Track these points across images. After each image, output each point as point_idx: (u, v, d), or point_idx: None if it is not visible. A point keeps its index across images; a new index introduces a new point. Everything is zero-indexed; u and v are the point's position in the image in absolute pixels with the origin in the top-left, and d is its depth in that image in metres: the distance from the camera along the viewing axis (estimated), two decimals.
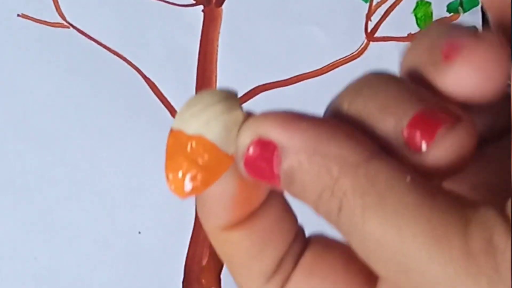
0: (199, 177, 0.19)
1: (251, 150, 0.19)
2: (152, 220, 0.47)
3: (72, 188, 0.47)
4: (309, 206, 0.18)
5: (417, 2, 0.50)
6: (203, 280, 0.46)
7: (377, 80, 0.19)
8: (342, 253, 0.21)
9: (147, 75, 0.48)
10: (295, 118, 0.18)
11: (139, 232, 0.47)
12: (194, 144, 0.19)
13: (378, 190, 0.17)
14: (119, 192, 0.47)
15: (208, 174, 0.19)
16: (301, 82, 0.48)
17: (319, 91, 0.48)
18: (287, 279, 0.21)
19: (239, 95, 0.21)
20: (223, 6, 0.49)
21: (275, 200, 0.21)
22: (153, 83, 0.48)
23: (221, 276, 0.47)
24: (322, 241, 0.22)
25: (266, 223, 0.20)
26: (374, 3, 0.50)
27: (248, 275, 0.22)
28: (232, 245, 0.21)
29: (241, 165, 0.19)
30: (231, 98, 0.20)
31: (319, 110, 0.20)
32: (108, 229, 0.46)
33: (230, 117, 0.20)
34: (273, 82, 0.48)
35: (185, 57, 0.49)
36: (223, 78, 0.49)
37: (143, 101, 0.48)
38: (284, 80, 0.48)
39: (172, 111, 0.48)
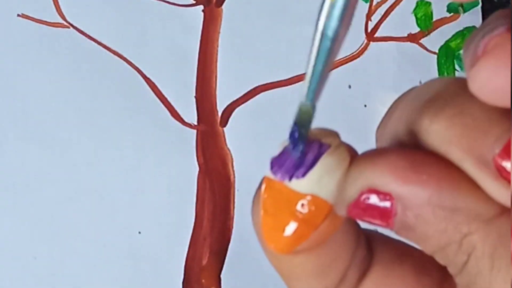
0: (304, 233, 0.17)
1: (361, 200, 0.17)
2: (152, 220, 0.47)
3: (72, 188, 0.47)
4: (423, 250, 0.17)
5: (417, 2, 0.50)
6: (203, 280, 0.46)
7: (460, 92, 0.17)
8: (414, 265, 0.20)
9: (147, 75, 0.48)
10: (412, 168, 0.16)
11: (139, 232, 0.47)
12: (306, 203, 0.17)
13: (509, 250, 0.16)
14: (119, 192, 0.47)
15: (311, 228, 0.17)
16: (301, 82, 0.48)
17: None
18: None
19: (239, 95, 0.19)
20: (223, 6, 0.49)
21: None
22: (153, 83, 0.48)
23: (221, 276, 0.47)
24: (387, 247, 0.20)
25: (334, 242, 0.19)
26: (374, 3, 0.50)
27: None
28: (295, 267, 0.19)
29: (344, 211, 0.17)
30: (337, 143, 0.18)
31: (319, 110, 0.19)
32: (108, 229, 0.46)
33: (340, 167, 0.17)
34: (273, 82, 0.48)
35: (185, 57, 0.49)
36: (223, 78, 0.49)
37: (143, 101, 0.48)
38: (284, 80, 0.48)
39: (172, 111, 0.48)
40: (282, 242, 0.17)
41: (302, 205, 0.17)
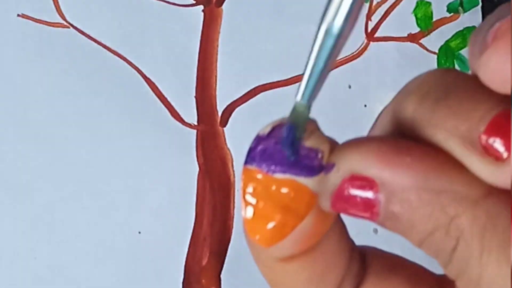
0: (288, 223, 0.17)
1: (343, 189, 0.16)
2: (152, 220, 0.47)
3: (72, 188, 0.47)
4: (411, 241, 0.17)
5: (417, 2, 0.50)
6: (203, 280, 0.46)
7: (445, 79, 0.17)
8: (408, 277, 0.19)
9: (147, 75, 0.48)
10: (395, 151, 0.16)
11: (139, 232, 0.47)
12: (285, 189, 0.17)
13: (500, 230, 0.15)
14: (119, 192, 0.47)
15: (296, 219, 0.17)
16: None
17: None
18: None
19: (239, 95, 0.19)
20: (223, 6, 0.49)
21: (335, 223, 0.19)
22: (153, 83, 0.48)
23: (221, 276, 0.47)
24: (381, 260, 0.20)
25: (327, 250, 0.18)
26: (374, 3, 0.50)
27: None
28: (289, 276, 0.19)
29: (328, 202, 0.17)
30: (315, 129, 0.18)
31: (319, 110, 0.19)
32: (108, 229, 0.46)
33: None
34: (273, 82, 0.48)
35: (185, 57, 0.49)
36: (223, 78, 0.49)
37: (143, 101, 0.48)
38: (284, 80, 0.48)
39: (172, 111, 0.48)
40: (265, 234, 0.17)
41: (282, 191, 0.17)
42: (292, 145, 0.17)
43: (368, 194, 0.16)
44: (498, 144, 0.15)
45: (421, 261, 0.20)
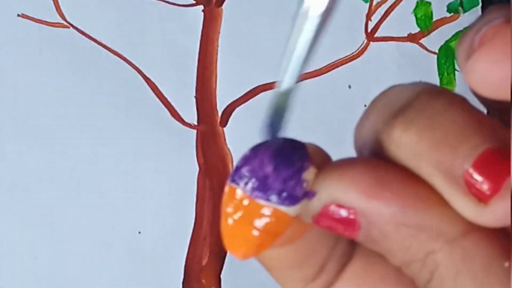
0: (264, 243, 0.17)
1: (325, 211, 0.17)
2: (152, 220, 0.47)
3: (72, 188, 0.47)
4: (386, 257, 0.17)
5: (417, 2, 0.50)
6: (203, 280, 0.46)
7: (432, 104, 0.16)
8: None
9: (147, 75, 0.48)
10: (377, 183, 0.16)
11: (139, 232, 0.47)
12: (267, 213, 0.17)
13: (474, 272, 0.15)
14: (119, 192, 0.47)
15: (271, 237, 0.17)
16: (301, 82, 0.48)
17: (319, 91, 0.48)
18: (330, 283, 0.19)
19: (239, 95, 0.19)
20: (223, 6, 0.49)
21: None
22: (153, 83, 0.48)
23: (221, 276, 0.47)
24: None
25: (310, 237, 0.18)
26: (374, 3, 0.50)
27: (288, 281, 0.19)
28: (272, 260, 0.19)
29: (309, 220, 0.17)
30: (303, 156, 0.17)
31: (319, 110, 0.19)
32: (108, 229, 0.46)
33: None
34: (273, 82, 0.48)
35: (185, 57, 0.49)
36: (223, 78, 0.49)
37: (143, 101, 0.48)
38: None
39: (172, 111, 0.48)
40: (243, 249, 0.17)
41: (263, 216, 0.17)
42: (273, 133, 0.17)
43: (349, 219, 0.16)
44: (483, 184, 0.15)
45: None
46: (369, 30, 0.50)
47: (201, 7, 0.49)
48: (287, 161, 0.17)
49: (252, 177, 0.17)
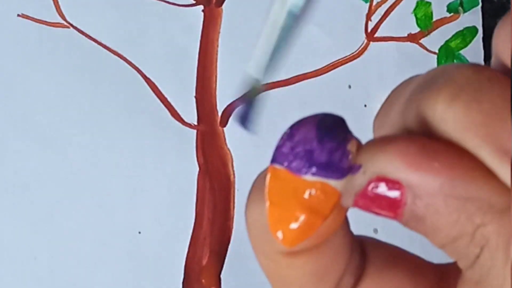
0: (313, 224, 0.16)
1: (369, 189, 0.16)
2: (152, 220, 0.47)
3: (72, 188, 0.47)
4: (432, 243, 0.16)
5: (417, 2, 0.50)
6: (203, 280, 0.46)
7: (478, 78, 0.16)
8: (408, 268, 0.19)
9: (147, 75, 0.48)
10: (423, 154, 0.16)
11: (139, 232, 0.47)
12: (314, 192, 0.16)
13: None
14: (119, 192, 0.47)
15: (319, 218, 0.16)
16: (301, 82, 0.48)
17: (319, 91, 0.48)
18: None
19: (239, 95, 0.19)
20: (223, 6, 0.49)
21: None
22: (153, 83, 0.48)
23: (221, 276, 0.47)
24: (381, 251, 0.19)
25: (333, 244, 0.18)
26: (374, 3, 0.50)
27: None
28: (293, 270, 0.18)
29: (351, 201, 0.16)
30: (345, 129, 0.17)
31: (319, 110, 0.19)
32: (108, 229, 0.46)
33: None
34: (273, 82, 0.48)
35: (185, 57, 0.49)
36: (223, 78, 0.49)
37: (143, 101, 0.48)
38: (284, 80, 0.48)
39: (172, 111, 0.48)
40: (289, 234, 0.16)
41: (311, 193, 0.16)
42: (245, 124, 0.17)
43: (394, 194, 0.16)
44: None
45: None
46: (369, 30, 0.50)
47: (201, 7, 0.49)
48: (330, 133, 0.16)
49: (297, 154, 0.16)
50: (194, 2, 0.49)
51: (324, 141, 0.16)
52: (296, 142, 0.16)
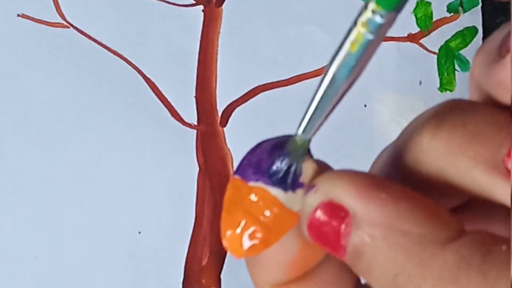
0: (258, 235, 0.17)
1: (318, 213, 0.16)
2: (152, 220, 0.47)
3: (72, 188, 0.47)
4: (371, 284, 0.16)
5: (417, 2, 0.50)
6: (203, 280, 0.46)
7: (458, 107, 0.16)
8: None
9: (147, 75, 0.48)
10: (374, 185, 0.16)
11: (139, 232, 0.47)
12: (254, 198, 0.17)
13: (476, 269, 0.14)
14: (119, 192, 0.47)
15: (269, 233, 0.17)
16: (301, 82, 0.48)
17: None
18: None
19: (239, 95, 0.19)
20: (223, 6, 0.49)
21: (335, 258, 0.18)
22: (153, 83, 0.48)
23: (221, 276, 0.47)
24: None
25: (323, 278, 0.18)
26: None
27: None
28: None
29: (305, 226, 0.17)
30: (300, 147, 0.18)
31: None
32: (108, 229, 0.46)
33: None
34: (273, 82, 0.48)
35: (185, 57, 0.49)
36: (223, 78, 0.49)
37: (143, 101, 0.48)
38: (284, 80, 0.48)
39: (172, 111, 0.48)
40: (234, 241, 0.17)
41: (252, 199, 0.17)
42: (286, 177, 0.17)
43: (338, 222, 0.16)
44: None
45: None
46: None
47: (201, 7, 0.49)
48: (283, 148, 0.17)
49: (250, 164, 0.17)
50: (194, 2, 0.49)
51: (273, 153, 0.17)
52: (253, 155, 0.17)
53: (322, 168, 0.18)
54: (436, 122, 0.16)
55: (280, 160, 0.17)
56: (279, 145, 0.17)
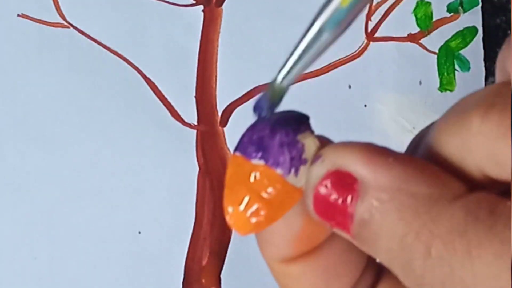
0: (262, 212, 0.17)
1: (325, 182, 0.16)
2: (152, 220, 0.47)
3: (72, 188, 0.47)
4: (378, 256, 0.16)
5: (417, 2, 0.50)
6: (203, 280, 0.46)
7: (510, 91, 0.16)
8: None
9: (147, 75, 0.48)
10: (380, 152, 0.16)
11: (139, 232, 0.47)
12: (258, 175, 0.17)
13: (483, 226, 0.14)
14: (119, 192, 0.47)
15: (272, 209, 0.17)
16: (301, 82, 0.48)
17: (319, 91, 0.48)
18: None
19: (239, 95, 0.19)
20: (223, 6, 0.49)
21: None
22: (153, 83, 0.48)
23: (221, 276, 0.47)
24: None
25: (331, 256, 0.18)
26: (374, 3, 0.50)
27: None
28: (292, 279, 0.18)
29: (310, 200, 0.17)
30: (302, 123, 0.18)
31: (319, 110, 0.19)
32: (108, 229, 0.46)
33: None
34: None
35: (185, 57, 0.49)
36: (223, 78, 0.49)
37: (143, 101, 0.48)
38: None
39: (172, 111, 0.48)
40: (239, 217, 0.17)
41: (256, 176, 0.17)
42: (264, 113, 0.18)
43: (345, 190, 0.16)
44: None
45: None
46: (369, 30, 0.50)
47: (201, 7, 0.49)
48: (283, 124, 0.17)
49: (252, 141, 0.17)
50: (194, 2, 0.49)
51: (275, 130, 0.17)
52: (254, 132, 0.17)
53: (324, 143, 0.18)
54: (486, 104, 0.16)
55: (280, 134, 0.17)
56: (279, 122, 0.17)
